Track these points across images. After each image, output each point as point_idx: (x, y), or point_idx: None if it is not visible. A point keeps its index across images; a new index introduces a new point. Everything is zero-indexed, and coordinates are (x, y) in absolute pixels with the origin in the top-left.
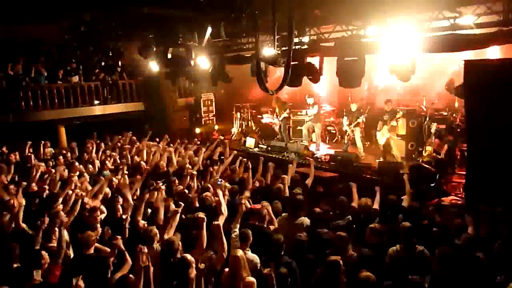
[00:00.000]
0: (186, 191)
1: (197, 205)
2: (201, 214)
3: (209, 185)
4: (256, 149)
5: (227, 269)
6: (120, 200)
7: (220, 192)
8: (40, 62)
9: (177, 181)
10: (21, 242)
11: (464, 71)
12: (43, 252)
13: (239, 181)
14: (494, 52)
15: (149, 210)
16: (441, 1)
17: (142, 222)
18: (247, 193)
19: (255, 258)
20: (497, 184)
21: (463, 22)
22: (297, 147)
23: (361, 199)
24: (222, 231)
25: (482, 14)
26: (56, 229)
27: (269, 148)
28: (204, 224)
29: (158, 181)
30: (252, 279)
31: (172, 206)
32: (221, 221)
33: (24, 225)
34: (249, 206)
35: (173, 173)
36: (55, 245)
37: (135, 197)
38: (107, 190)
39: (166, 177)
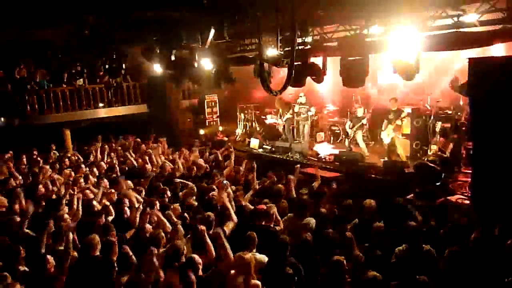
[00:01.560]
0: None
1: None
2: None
3: (215, 186)
4: (260, 150)
5: (233, 271)
6: (127, 202)
7: (225, 198)
8: (44, 65)
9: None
10: (27, 246)
11: (468, 69)
12: (48, 256)
13: (244, 182)
14: (498, 50)
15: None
16: None
17: (148, 226)
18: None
19: (263, 258)
20: (503, 182)
21: (467, 20)
22: (302, 147)
23: (366, 200)
24: (223, 238)
25: (485, 11)
26: (64, 231)
27: (274, 149)
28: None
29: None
30: (257, 282)
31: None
32: (229, 227)
33: (27, 230)
34: (251, 207)
35: (179, 177)
36: (63, 248)
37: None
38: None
39: (172, 181)
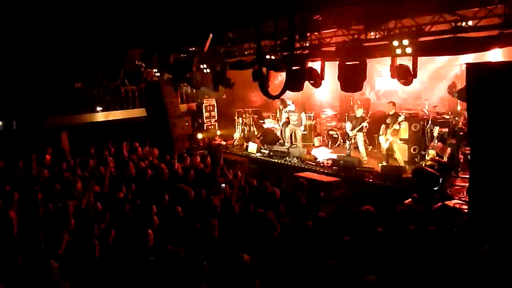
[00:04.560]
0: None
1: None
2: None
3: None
4: (258, 154)
5: None
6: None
7: None
8: (43, 69)
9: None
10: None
11: (466, 74)
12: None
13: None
14: (495, 55)
15: None
16: (442, 5)
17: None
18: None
19: None
20: (501, 187)
21: (464, 25)
22: (299, 151)
23: (363, 206)
24: None
25: (483, 17)
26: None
27: (271, 153)
28: None
29: None
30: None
31: None
32: None
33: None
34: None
35: (179, 179)
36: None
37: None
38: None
39: (171, 184)
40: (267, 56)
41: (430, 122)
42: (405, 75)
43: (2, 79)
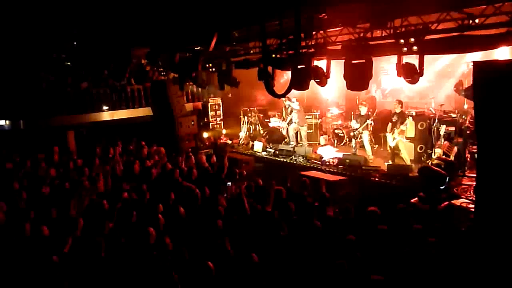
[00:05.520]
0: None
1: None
2: None
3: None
4: (264, 153)
5: None
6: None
7: None
8: (51, 69)
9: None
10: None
11: (473, 72)
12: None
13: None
14: (503, 53)
15: None
16: (448, 2)
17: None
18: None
19: None
20: (508, 186)
21: (472, 23)
22: (305, 150)
23: (369, 208)
24: None
25: (490, 14)
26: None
27: (277, 152)
28: None
29: None
30: None
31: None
32: None
33: None
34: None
35: (184, 178)
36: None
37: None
38: None
39: (176, 183)
40: (273, 55)
41: (436, 121)
42: (412, 74)
43: (9, 79)
